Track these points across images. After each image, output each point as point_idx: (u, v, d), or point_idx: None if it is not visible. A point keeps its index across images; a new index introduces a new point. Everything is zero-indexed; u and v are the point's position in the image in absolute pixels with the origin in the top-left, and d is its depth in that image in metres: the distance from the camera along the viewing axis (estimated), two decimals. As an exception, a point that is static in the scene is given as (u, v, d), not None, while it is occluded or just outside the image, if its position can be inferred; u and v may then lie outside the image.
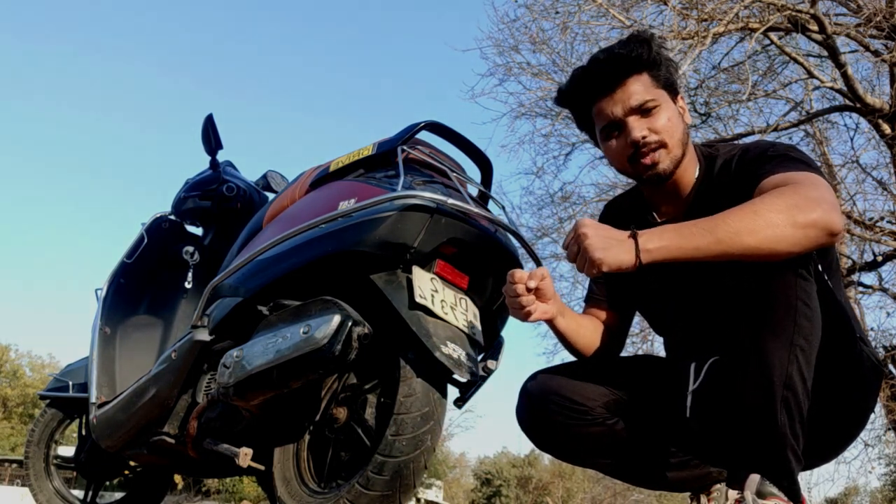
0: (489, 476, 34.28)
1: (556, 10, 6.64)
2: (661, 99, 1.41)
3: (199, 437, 1.91)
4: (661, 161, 1.40)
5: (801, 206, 1.16)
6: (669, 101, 1.43)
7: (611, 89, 1.41)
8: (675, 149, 1.41)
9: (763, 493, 1.16)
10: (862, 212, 6.86)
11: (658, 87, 1.41)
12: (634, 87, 1.39)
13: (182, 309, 2.55)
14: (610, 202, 1.70)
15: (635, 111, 1.39)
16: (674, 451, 1.52)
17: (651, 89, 1.40)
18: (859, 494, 19.75)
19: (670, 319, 1.56)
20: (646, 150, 1.40)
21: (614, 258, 1.19)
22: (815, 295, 1.21)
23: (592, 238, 1.21)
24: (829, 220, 1.16)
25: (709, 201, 1.40)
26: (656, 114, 1.39)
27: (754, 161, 1.35)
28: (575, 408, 1.45)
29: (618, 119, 1.41)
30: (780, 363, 1.17)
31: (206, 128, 2.44)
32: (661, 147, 1.40)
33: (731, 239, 1.16)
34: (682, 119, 1.44)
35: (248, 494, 19.99)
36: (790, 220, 1.15)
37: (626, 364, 1.61)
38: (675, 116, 1.42)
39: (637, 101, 1.39)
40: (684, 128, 1.44)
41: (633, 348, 7.51)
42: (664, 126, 1.39)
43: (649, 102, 1.39)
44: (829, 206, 1.17)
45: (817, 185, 1.22)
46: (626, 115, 1.40)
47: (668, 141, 1.40)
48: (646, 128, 1.39)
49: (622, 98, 1.40)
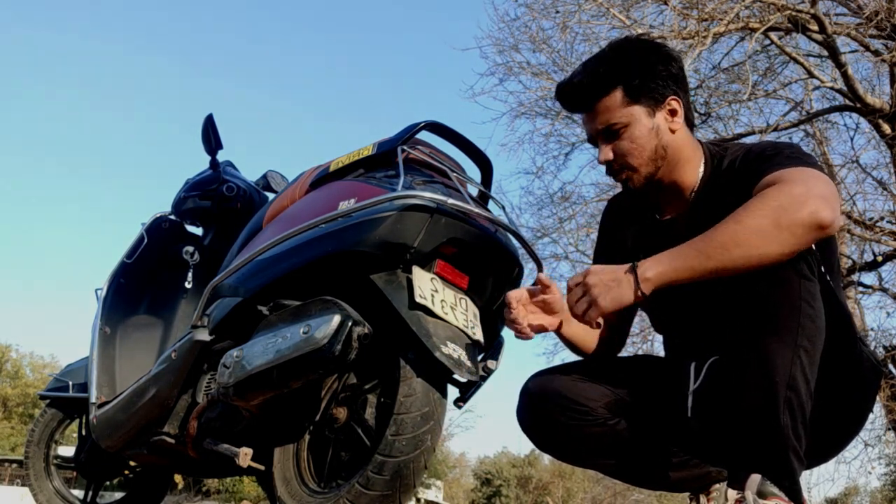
0: (489, 476, 34.29)
1: (557, 10, 6.66)
2: (631, 116, 1.39)
3: (199, 437, 1.91)
4: (629, 180, 1.44)
5: (785, 206, 1.16)
6: (642, 117, 1.40)
7: (582, 111, 1.46)
8: (643, 167, 1.42)
9: (764, 493, 1.16)
10: (862, 212, 6.88)
11: (630, 104, 1.39)
12: (599, 110, 1.41)
13: (182, 309, 2.55)
14: (612, 200, 1.70)
15: (601, 133, 1.42)
16: (674, 451, 1.52)
17: (619, 109, 1.40)
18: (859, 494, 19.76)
19: (671, 319, 1.56)
20: (613, 171, 1.44)
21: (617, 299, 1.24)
22: (818, 295, 1.21)
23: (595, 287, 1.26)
24: (817, 214, 1.16)
25: (712, 201, 1.40)
26: (623, 134, 1.41)
27: (755, 161, 1.35)
28: (576, 408, 1.45)
29: (592, 138, 1.47)
30: (784, 364, 1.17)
31: (206, 128, 2.44)
32: (626, 169, 1.43)
33: (720, 254, 1.17)
34: (655, 135, 1.41)
35: (248, 494, 19.99)
36: (774, 223, 1.15)
37: (626, 364, 1.61)
38: (643, 135, 1.40)
39: (601, 124, 1.42)
40: (658, 143, 1.41)
41: (633, 348, 7.52)
42: (628, 148, 1.41)
43: (615, 125, 1.40)
44: (816, 200, 1.16)
45: (806, 179, 1.21)
46: (597, 136, 1.44)
47: (633, 162, 1.41)
48: (610, 151, 1.42)
49: (592, 119, 1.44)
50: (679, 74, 1.43)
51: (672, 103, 1.42)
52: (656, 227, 1.51)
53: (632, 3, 6.33)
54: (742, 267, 1.17)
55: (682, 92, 1.44)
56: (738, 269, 1.18)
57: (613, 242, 1.59)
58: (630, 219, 1.58)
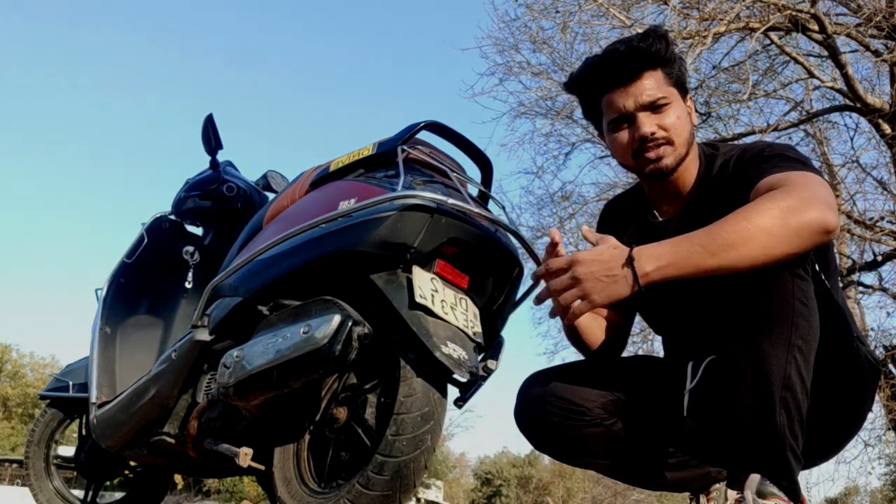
0: (489, 476, 34.30)
1: (557, 10, 6.65)
2: (672, 97, 1.41)
3: (199, 437, 1.91)
4: (665, 156, 1.40)
5: (793, 207, 1.16)
6: (679, 100, 1.43)
7: (625, 82, 1.40)
8: (680, 147, 1.41)
9: (763, 493, 1.16)
10: (862, 212, 6.87)
11: (670, 85, 1.42)
12: (648, 83, 1.40)
13: (182, 309, 2.55)
14: (609, 202, 1.70)
15: (647, 107, 1.40)
16: (672, 452, 1.52)
17: (663, 86, 1.41)
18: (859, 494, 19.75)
19: (669, 319, 1.56)
20: (652, 146, 1.40)
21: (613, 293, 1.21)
22: (812, 295, 1.21)
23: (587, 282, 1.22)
24: (824, 219, 1.16)
25: (707, 201, 1.41)
26: (666, 111, 1.40)
27: (751, 161, 1.35)
28: (573, 409, 1.45)
29: (628, 112, 1.41)
30: (779, 363, 1.17)
31: (206, 128, 2.44)
32: (667, 144, 1.40)
33: (725, 252, 1.16)
34: (689, 119, 1.45)
35: (248, 494, 19.98)
36: (783, 224, 1.15)
37: (623, 364, 1.61)
38: (683, 115, 1.43)
39: (649, 97, 1.39)
40: (691, 128, 1.44)
41: (633, 348, 7.52)
42: (672, 124, 1.40)
43: (661, 99, 1.39)
44: (823, 205, 1.17)
45: (811, 183, 1.22)
46: (637, 110, 1.40)
47: (675, 139, 1.40)
48: (655, 124, 1.39)
49: (635, 92, 1.40)
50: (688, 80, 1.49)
51: (690, 100, 1.47)
52: (652, 227, 1.52)
53: (632, 3, 6.33)
54: (746, 265, 1.16)
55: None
56: (742, 268, 1.17)
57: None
58: (627, 220, 1.58)
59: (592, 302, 1.22)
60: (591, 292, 1.21)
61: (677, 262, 1.19)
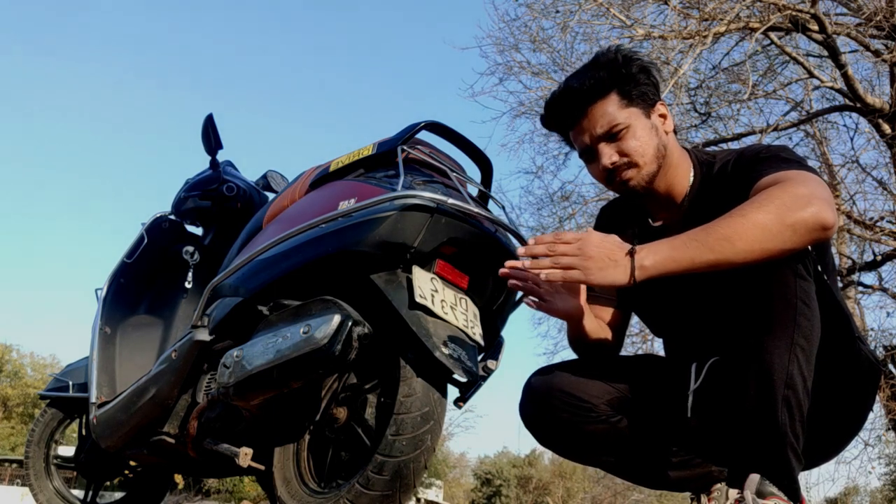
0: (489, 476, 34.30)
1: (557, 10, 6.66)
2: (629, 118, 1.41)
3: (199, 437, 1.91)
4: (632, 178, 1.43)
5: (789, 204, 1.17)
6: (640, 118, 1.43)
7: (577, 120, 1.44)
8: (647, 165, 1.42)
9: (763, 492, 1.17)
10: (862, 212, 6.87)
11: (627, 106, 1.42)
12: (598, 114, 1.41)
13: (182, 309, 2.55)
14: (606, 206, 1.71)
15: (603, 138, 1.42)
16: (676, 451, 1.52)
17: (617, 111, 1.41)
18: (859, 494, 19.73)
19: (669, 320, 1.56)
20: (617, 173, 1.43)
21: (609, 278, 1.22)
22: (814, 295, 1.21)
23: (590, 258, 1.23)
24: (820, 215, 1.17)
25: (705, 206, 1.41)
26: (624, 136, 1.41)
27: (748, 164, 1.36)
28: (579, 405, 1.45)
29: (588, 147, 1.44)
30: (781, 363, 1.17)
31: (206, 127, 2.44)
32: (630, 167, 1.42)
33: (721, 246, 1.17)
34: (655, 133, 1.44)
35: (248, 494, 19.99)
36: (779, 220, 1.16)
37: (628, 362, 1.61)
38: (645, 134, 1.42)
39: (602, 128, 1.41)
40: (659, 141, 1.43)
41: (633, 348, 7.52)
42: (633, 147, 1.41)
43: (615, 127, 1.41)
44: (819, 202, 1.17)
45: (807, 181, 1.22)
46: (595, 143, 1.43)
47: (638, 160, 1.42)
48: (615, 153, 1.42)
49: (588, 127, 1.42)
50: (658, 85, 1.47)
51: (661, 108, 1.46)
52: (650, 232, 1.52)
53: (632, 3, 6.33)
54: (742, 261, 1.17)
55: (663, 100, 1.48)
56: (738, 263, 1.18)
57: None
58: (625, 224, 1.58)
59: (588, 278, 1.23)
60: (592, 268, 1.22)
61: (674, 256, 1.20)
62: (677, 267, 1.20)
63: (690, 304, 1.41)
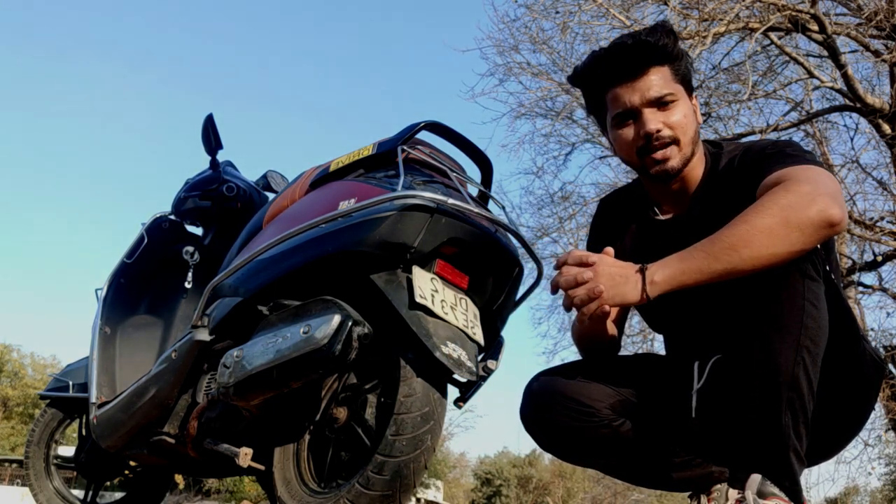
0: (489, 476, 34.28)
1: (557, 10, 6.65)
2: (678, 94, 1.39)
3: (199, 437, 1.91)
4: (671, 157, 1.38)
5: (794, 205, 1.15)
6: (686, 98, 1.42)
7: (632, 77, 1.38)
8: (686, 147, 1.39)
9: (764, 493, 1.16)
10: (862, 212, 6.86)
11: (676, 82, 1.40)
12: (655, 78, 1.37)
13: (182, 309, 2.55)
14: (605, 199, 1.67)
15: (653, 103, 1.37)
16: (677, 451, 1.52)
17: (670, 83, 1.38)
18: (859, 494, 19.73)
19: (671, 317, 1.55)
20: (658, 144, 1.38)
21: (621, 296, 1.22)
22: (822, 296, 1.20)
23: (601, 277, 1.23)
24: (826, 212, 1.15)
25: (711, 200, 1.40)
26: (673, 108, 1.38)
27: (754, 160, 1.34)
28: (580, 409, 1.43)
29: (634, 108, 1.38)
30: (787, 364, 1.16)
31: (206, 128, 2.44)
32: (673, 143, 1.38)
33: (728, 255, 1.16)
34: (695, 117, 1.43)
35: (248, 494, 19.98)
36: (784, 222, 1.14)
37: (629, 363, 1.60)
38: (689, 114, 1.41)
39: (656, 92, 1.37)
40: (696, 126, 1.43)
41: (633, 348, 7.52)
42: (679, 122, 1.38)
43: (668, 96, 1.37)
44: (825, 198, 1.16)
45: (813, 177, 1.20)
46: (644, 106, 1.37)
47: (682, 138, 1.38)
48: (661, 121, 1.37)
49: (642, 87, 1.37)
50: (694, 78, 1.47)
51: (695, 99, 1.46)
52: (655, 226, 1.50)
53: (632, 3, 6.33)
54: (752, 268, 1.16)
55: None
56: (748, 270, 1.16)
57: (610, 241, 1.58)
58: (626, 218, 1.56)
59: (603, 299, 1.22)
60: (604, 289, 1.22)
61: (683, 268, 1.19)
62: (688, 280, 1.19)
63: (693, 301, 1.41)
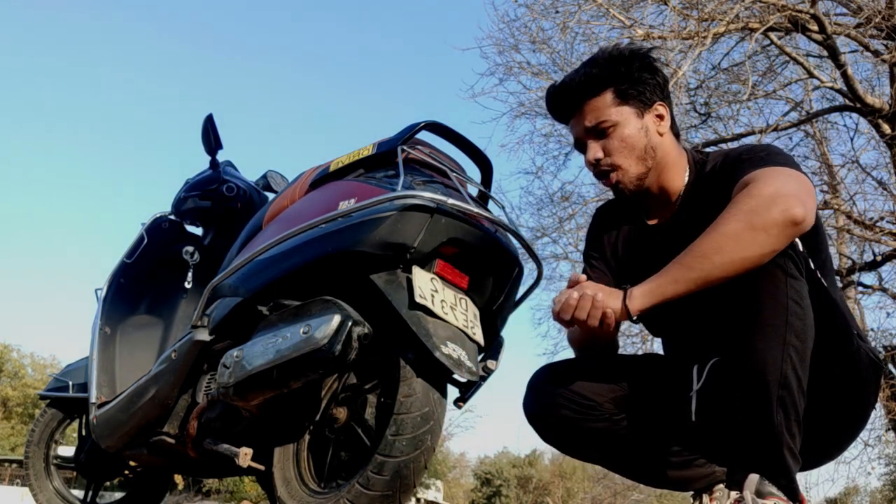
0: (489, 476, 34.27)
1: (556, 10, 6.66)
2: (620, 117, 1.43)
3: (199, 437, 1.91)
4: (620, 180, 1.46)
5: (755, 208, 1.18)
6: (632, 118, 1.44)
7: (571, 113, 1.49)
8: (632, 167, 1.44)
9: (762, 492, 1.17)
10: (862, 212, 6.86)
11: (620, 104, 1.44)
12: (589, 109, 1.45)
13: (182, 309, 2.55)
14: (600, 208, 1.72)
15: (591, 133, 1.45)
16: (678, 450, 1.52)
17: (609, 109, 1.43)
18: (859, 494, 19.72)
19: (669, 323, 1.56)
20: (599, 173, 1.46)
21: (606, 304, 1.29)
22: (806, 293, 1.22)
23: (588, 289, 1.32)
24: (788, 212, 1.17)
25: (695, 206, 1.43)
26: (612, 133, 1.43)
27: (730, 166, 1.38)
28: (583, 403, 1.45)
29: (579, 139, 1.49)
30: (774, 362, 1.18)
31: (206, 128, 2.44)
32: (615, 169, 1.45)
33: (701, 263, 1.20)
34: (645, 134, 1.45)
35: (248, 494, 19.98)
36: (748, 226, 1.17)
37: (631, 361, 1.62)
38: (634, 134, 1.44)
39: (590, 122, 1.45)
40: (647, 143, 1.45)
41: (633, 348, 7.52)
42: (617, 146, 1.43)
43: (603, 123, 1.44)
44: (785, 198, 1.18)
45: (775, 178, 1.22)
46: (584, 137, 1.47)
47: (622, 161, 1.44)
48: (599, 150, 1.45)
49: (580, 121, 1.47)
50: (664, 85, 1.48)
51: (659, 108, 1.47)
52: (645, 231, 1.53)
53: (632, 3, 6.34)
54: (726, 273, 1.19)
55: (668, 101, 1.49)
56: (723, 276, 1.20)
57: (604, 247, 1.61)
58: (620, 224, 1.60)
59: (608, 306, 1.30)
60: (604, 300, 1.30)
61: (660, 283, 1.25)
62: (665, 294, 1.25)
63: (688, 305, 1.42)
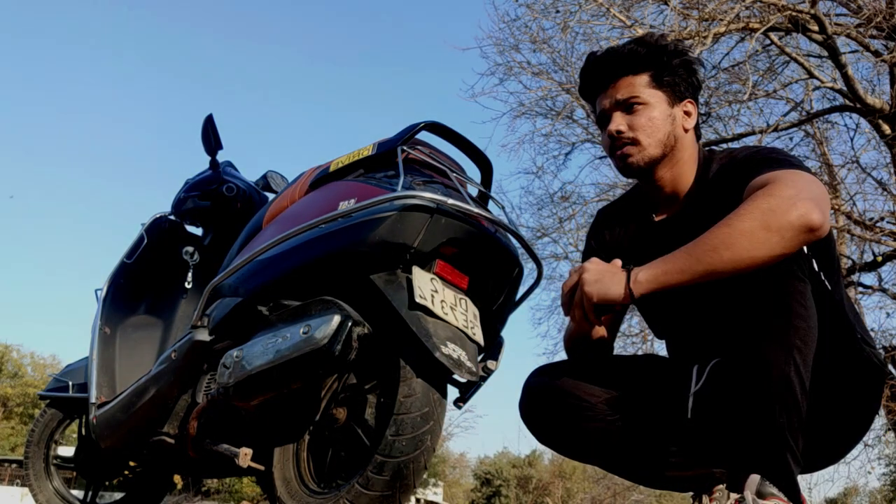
0: (489, 476, 34.25)
1: (557, 10, 6.66)
2: (651, 99, 1.44)
3: (198, 437, 1.91)
4: (630, 155, 1.45)
5: (773, 209, 1.17)
6: (663, 103, 1.45)
7: (606, 85, 1.47)
8: (650, 147, 1.44)
9: (763, 493, 1.17)
10: (862, 212, 6.86)
11: (655, 88, 1.44)
12: (625, 84, 1.45)
13: (182, 309, 2.55)
14: (602, 209, 1.71)
15: (620, 106, 1.45)
16: (677, 451, 1.52)
17: (644, 88, 1.44)
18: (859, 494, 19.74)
19: (673, 323, 1.56)
20: (619, 143, 1.45)
21: (604, 290, 1.28)
22: (810, 296, 1.21)
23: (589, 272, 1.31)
24: (806, 217, 1.16)
25: (700, 204, 1.42)
26: (638, 111, 1.44)
27: (742, 165, 1.37)
28: (579, 404, 1.45)
29: (605, 111, 1.48)
30: (778, 364, 1.17)
31: (206, 128, 2.44)
32: (633, 143, 1.44)
33: (709, 256, 1.19)
34: (671, 122, 1.45)
35: (248, 494, 19.99)
36: (763, 226, 1.16)
37: (629, 362, 1.62)
38: (661, 118, 1.44)
39: (622, 95, 1.45)
40: (671, 130, 1.45)
41: (633, 348, 7.52)
42: (642, 124, 1.43)
43: (634, 99, 1.44)
44: (805, 203, 1.17)
45: (797, 182, 1.21)
46: (612, 110, 1.46)
47: (643, 139, 1.44)
48: (624, 123, 1.44)
49: (612, 93, 1.46)
50: (697, 87, 1.49)
51: (688, 105, 1.49)
52: (651, 227, 1.53)
53: (632, 3, 6.34)
54: (732, 269, 1.18)
55: (697, 104, 1.51)
56: (729, 272, 1.19)
57: (607, 243, 1.60)
58: (625, 221, 1.60)
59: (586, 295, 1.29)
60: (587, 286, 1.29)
61: (666, 270, 1.24)
62: (670, 280, 1.23)
63: (692, 306, 1.42)
